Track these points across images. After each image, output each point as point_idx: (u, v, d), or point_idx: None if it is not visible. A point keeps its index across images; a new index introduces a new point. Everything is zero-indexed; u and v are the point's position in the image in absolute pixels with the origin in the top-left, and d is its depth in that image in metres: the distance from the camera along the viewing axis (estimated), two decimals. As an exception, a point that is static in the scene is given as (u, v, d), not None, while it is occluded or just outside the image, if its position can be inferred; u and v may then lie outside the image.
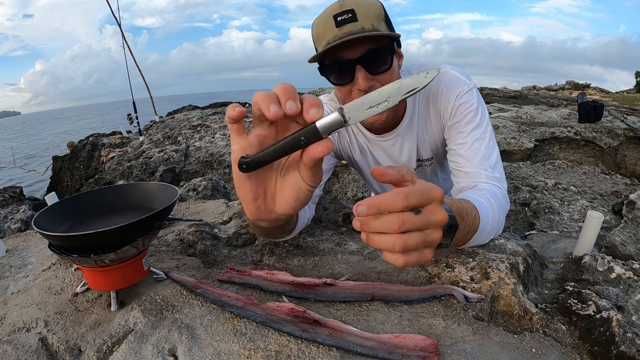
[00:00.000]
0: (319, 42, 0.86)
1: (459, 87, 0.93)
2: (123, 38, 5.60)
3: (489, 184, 0.87)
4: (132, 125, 4.59)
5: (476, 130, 0.91)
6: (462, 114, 0.93)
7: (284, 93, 0.45)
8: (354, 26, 0.81)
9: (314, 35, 0.89)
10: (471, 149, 0.91)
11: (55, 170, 5.02)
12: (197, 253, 0.98)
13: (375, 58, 0.84)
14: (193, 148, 3.41)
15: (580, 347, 0.62)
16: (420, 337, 0.59)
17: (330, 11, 0.83)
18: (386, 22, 0.86)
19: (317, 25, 0.87)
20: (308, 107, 0.44)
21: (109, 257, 0.68)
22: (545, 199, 1.70)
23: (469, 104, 0.92)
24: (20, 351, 0.65)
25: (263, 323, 0.66)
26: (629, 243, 1.13)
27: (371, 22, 0.81)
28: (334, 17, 0.82)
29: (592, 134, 3.15)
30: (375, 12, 0.83)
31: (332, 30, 0.82)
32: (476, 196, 0.79)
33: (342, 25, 0.81)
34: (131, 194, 0.88)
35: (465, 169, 0.91)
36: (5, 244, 1.16)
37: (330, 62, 0.86)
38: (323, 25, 0.84)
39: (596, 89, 12.90)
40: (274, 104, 0.44)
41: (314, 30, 0.89)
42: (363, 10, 0.82)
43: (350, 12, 0.81)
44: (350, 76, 0.85)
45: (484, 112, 0.94)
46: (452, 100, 0.94)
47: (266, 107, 0.44)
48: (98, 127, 24.32)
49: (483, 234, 0.77)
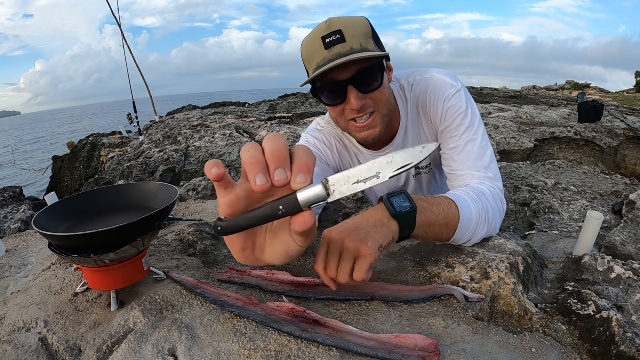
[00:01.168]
0: (309, 64, 0.87)
1: (446, 91, 0.94)
2: (123, 38, 5.60)
3: (480, 183, 0.87)
4: (132, 125, 4.59)
5: (468, 132, 0.92)
6: (452, 117, 0.93)
7: (273, 159, 0.41)
8: (343, 47, 0.81)
9: (304, 57, 0.89)
10: (463, 151, 0.91)
11: (55, 170, 5.01)
12: (197, 253, 0.98)
13: (366, 78, 0.84)
14: (193, 148, 3.40)
15: (580, 347, 0.62)
16: (420, 337, 0.59)
17: (318, 33, 0.84)
18: (374, 39, 0.86)
19: (307, 47, 0.87)
20: (296, 172, 0.41)
21: (109, 257, 0.68)
22: (545, 199, 1.70)
23: (457, 106, 0.93)
24: (20, 351, 0.65)
25: (263, 323, 0.66)
26: (629, 243, 1.13)
27: (359, 42, 0.82)
28: (323, 39, 0.82)
29: (592, 134, 3.15)
30: (363, 30, 0.84)
31: (321, 53, 0.83)
32: (455, 192, 0.82)
33: (331, 46, 0.81)
34: (131, 194, 0.88)
35: (458, 172, 0.92)
36: (5, 244, 1.16)
37: (322, 84, 0.86)
38: (312, 48, 0.84)
39: (596, 89, 12.90)
40: (261, 174, 0.41)
41: (303, 52, 0.89)
42: (350, 30, 0.82)
43: (338, 33, 0.81)
44: (342, 97, 0.86)
45: (474, 112, 0.94)
46: (440, 105, 0.94)
47: (252, 177, 0.41)
48: (99, 127, 24.38)
49: (469, 226, 0.78)
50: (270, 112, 5.88)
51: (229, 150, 3.19)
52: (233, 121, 4.50)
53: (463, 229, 0.78)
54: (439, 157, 1.07)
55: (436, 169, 1.13)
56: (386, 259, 0.89)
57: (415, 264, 0.84)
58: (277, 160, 0.41)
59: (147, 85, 6.72)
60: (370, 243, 0.64)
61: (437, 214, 0.74)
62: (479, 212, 0.80)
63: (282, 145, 0.42)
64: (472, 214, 0.79)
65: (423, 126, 1.02)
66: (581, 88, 13.97)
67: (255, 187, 0.41)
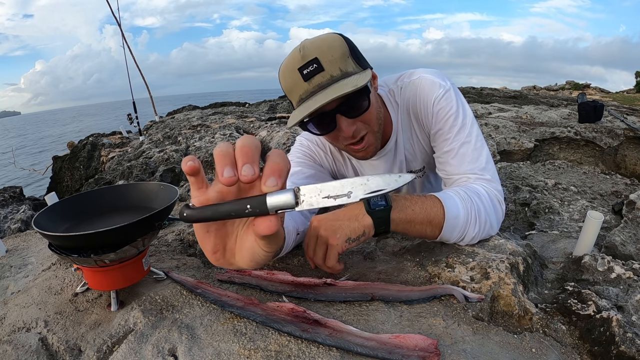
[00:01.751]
0: (290, 96, 0.85)
1: (434, 92, 0.91)
2: (123, 38, 5.59)
3: (475, 184, 0.87)
4: (132, 125, 4.59)
5: (461, 134, 0.89)
6: (443, 119, 0.91)
7: (241, 154, 0.41)
8: (323, 76, 0.78)
9: (284, 87, 0.86)
10: (458, 155, 0.89)
11: (55, 170, 5.01)
12: (197, 253, 0.98)
13: (353, 103, 0.82)
14: (193, 148, 3.40)
15: (580, 347, 0.62)
16: (420, 337, 0.59)
17: (294, 63, 0.80)
18: (353, 57, 0.82)
19: (285, 79, 0.84)
20: (268, 175, 0.41)
21: (109, 257, 0.68)
22: (545, 199, 1.70)
23: (447, 107, 0.90)
24: (20, 351, 0.65)
25: (263, 323, 0.66)
26: (629, 243, 1.13)
27: (338, 67, 0.79)
28: (300, 70, 0.79)
29: (592, 134, 3.15)
30: (339, 52, 0.80)
31: (301, 85, 0.80)
32: (445, 191, 0.83)
33: (309, 78, 0.79)
34: (131, 194, 0.88)
35: (454, 177, 0.91)
36: (5, 244, 1.16)
37: (310, 119, 0.84)
38: (291, 79, 0.82)
39: (596, 89, 12.90)
40: (229, 167, 0.40)
41: (282, 83, 0.86)
42: (326, 55, 0.78)
43: (315, 62, 0.78)
44: (332, 125, 0.84)
45: (465, 112, 0.91)
46: (430, 107, 0.92)
47: (220, 169, 0.41)
48: (99, 127, 24.32)
49: (457, 224, 0.79)
50: (270, 112, 5.88)
51: (229, 150, 3.18)
52: (233, 121, 4.50)
53: (450, 227, 0.79)
54: (432, 160, 1.04)
55: (430, 172, 1.12)
56: (386, 259, 0.89)
57: (415, 264, 0.84)
58: (245, 155, 0.41)
59: (147, 85, 6.72)
60: (338, 234, 0.74)
61: (417, 212, 0.78)
62: (468, 210, 0.80)
63: (252, 143, 0.42)
64: (460, 213, 0.79)
65: (415, 130, 1.01)
66: (581, 88, 13.97)
67: (222, 179, 0.41)
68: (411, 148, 1.04)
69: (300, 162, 1.04)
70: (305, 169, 1.02)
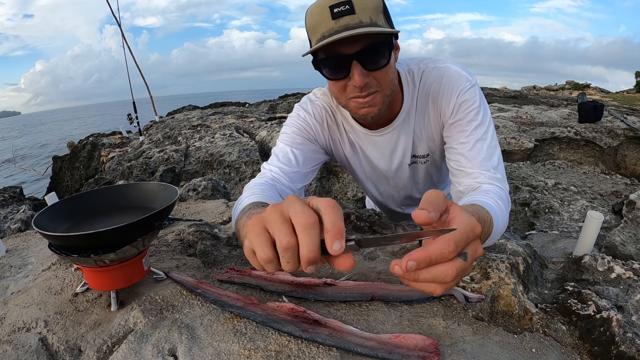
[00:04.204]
0: (313, 34, 0.83)
1: (461, 84, 0.91)
2: (123, 38, 5.59)
3: (492, 185, 0.85)
4: (132, 125, 4.59)
5: (478, 130, 0.89)
6: (465, 111, 0.90)
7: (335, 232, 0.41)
8: (352, 19, 0.77)
9: (308, 25, 0.84)
10: (473, 149, 0.89)
11: (55, 170, 5.01)
12: (197, 253, 0.98)
13: (373, 54, 0.80)
14: (193, 148, 3.41)
15: (580, 347, 0.62)
16: (420, 337, 0.59)
17: (326, 1, 0.79)
18: (384, 15, 0.82)
19: (312, 15, 0.82)
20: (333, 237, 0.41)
21: (109, 257, 0.68)
22: (545, 199, 1.70)
23: (471, 101, 0.90)
24: (20, 351, 0.65)
25: (263, 323, 0.66)
26: (629, 243, 1.13)
27: (369, 15, 0.78)
28: (330, 8, 0.78)
29: (592, 134, 3.15)
30: (374, 3, 0.79)
31: (327, 22, 0.78)
32: (487, 200, 0.77)
33: (338, 17, 0.77)
34: (131, 194, 0.88)
35: (467, 169, 0.89)
36: (5, 244, 1.16)
37: (325, 57, 0.82)
38: (318, 16, 0.80)
39: (596, 89, 12.90)
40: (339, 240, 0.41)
41: (307, 20, 0.84)
42: (361, 1, 0.77)
43: (348, 4, 0.77)
44: (345, 71, 0.82)
45: (486, 111, 0.92)
46: (454, 97, 0.91)
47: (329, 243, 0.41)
48: (99, 126, 24.26)
49: (492, 239, 0.76)
50: (270, 112, 5.88)
51: (229, 151, 3.19)
52: (233, 121, 4.50)
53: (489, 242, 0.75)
54: (440, 149, 1.03)
55: (432, 161, 1.10)
56: (386, 259, 0.89)
57: (415, 264, 0.84)
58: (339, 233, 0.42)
59: (147, 85, 6.72)
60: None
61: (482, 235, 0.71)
62: (502, 226, 0.77)
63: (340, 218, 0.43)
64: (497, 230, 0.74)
65: (430, 113, 0.98)
66: (581, 88, 13.97)
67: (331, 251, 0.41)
68: (420, 132, 1.02)
69: (293, 138, 1.02)
70: (296, 150, 0.99)
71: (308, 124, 1.04)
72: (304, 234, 0.42)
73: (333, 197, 2.79)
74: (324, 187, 2.95)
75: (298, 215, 0.42)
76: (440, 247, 0.42)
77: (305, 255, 0.41)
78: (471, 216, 0.45)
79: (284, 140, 1.02)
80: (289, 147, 1.00)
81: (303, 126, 1.03)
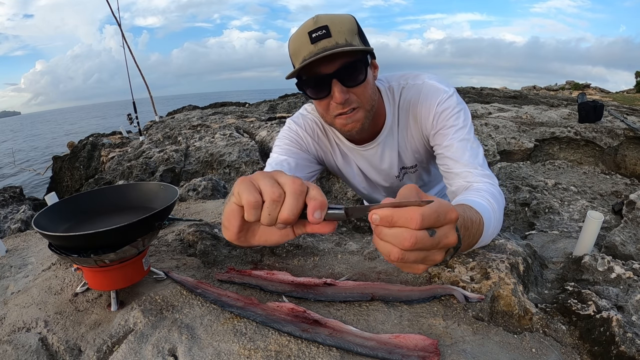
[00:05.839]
0: (295, 59, 0.89)
1: (439, 96, 0.96)
2: (123, 38, 5.59)
3: (483, 182, 0.87)
4: (132, 125, 4.59)
5: (460, 132, 0.93)
6: (445, 119, 0.95)
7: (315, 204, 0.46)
8: (329, 42, 0.83)
9: (291, 52, 0.91)
10: (458, 149, 0.92)
11: (55, 170, 5.01)
12: (197, 253, 0.98)
13: (351, 71, 0.86)
14: (193, 148, 3.41)
15: (580, 347, 0.62)
16: (420, 337, 0.59)
17: (305, 28, 0.86)
18: (359, 36, 0.88)
19: (294, 42, 0.89)
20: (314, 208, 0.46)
21: (109, 257, 0.68)
22: (545, 199, 1.70)
23: (449, 109, 0.95)
24: (20, 351, 0.65)
25: (263, 323, 0.66)
26: (629, 243, 1.13)
27: (344, 37, 0.84)
28: (309, 34, 0.84)
29: (592, 134, 3.15)
30: (348, 27, 0.86)
31: (307, 47, 0.85)
32: (477, 199, 0.78)
33: (316, 41, 0.84)
34: (131, 194, 0.88)
35: (455, 170, 0.93)
36: (5, 244, 1.16)
37: (307, 78, 0.89)
38: (299, 42, 0.86)
39: (596, 89, 12.90)
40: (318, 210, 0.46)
41: (290, 47, 0.91)
42: (336, 26, 0.84)
43: (324, 29, 0.84)
44: (327, 90, 0.88)
45: (467, 114, 0.96)
46: (432, 110, 0.96)
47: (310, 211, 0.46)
48: (100, 126, 24.26)
49: (485, 238, 0.76)
50: (270, 112, 5.88)
51: (229, 150, 3.19)
52: (233, 121, 4.50)
53: (477, 245, 0.75)
54: (427, 158, 1.09)
55: (422, 169, 1.15)
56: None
57: (415, 264, 0.84)
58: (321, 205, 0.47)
59: (147, 85, 6.72)
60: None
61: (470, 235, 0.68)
62: (495, 223, 0.78)
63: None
64: (490, 228, 0.75)
65: (411, 127, 1.04)
66: (581, 88, 13.97)
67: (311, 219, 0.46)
68: (405, 145, 1.07)
69: (286, 149, 1.07)
70: (290, 159, 1.04)
71: (300, 136, 1.10)
72: (291, 197, 0.46)
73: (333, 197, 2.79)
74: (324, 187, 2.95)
75: (289, 182, 0.46)
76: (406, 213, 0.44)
77: (284, 213, 0.45)
78: (449, 203, 0.48)
79: (277, 152, 1.07)
80: (283, 156, 1.05)
81: (295, 138, 1.09)
